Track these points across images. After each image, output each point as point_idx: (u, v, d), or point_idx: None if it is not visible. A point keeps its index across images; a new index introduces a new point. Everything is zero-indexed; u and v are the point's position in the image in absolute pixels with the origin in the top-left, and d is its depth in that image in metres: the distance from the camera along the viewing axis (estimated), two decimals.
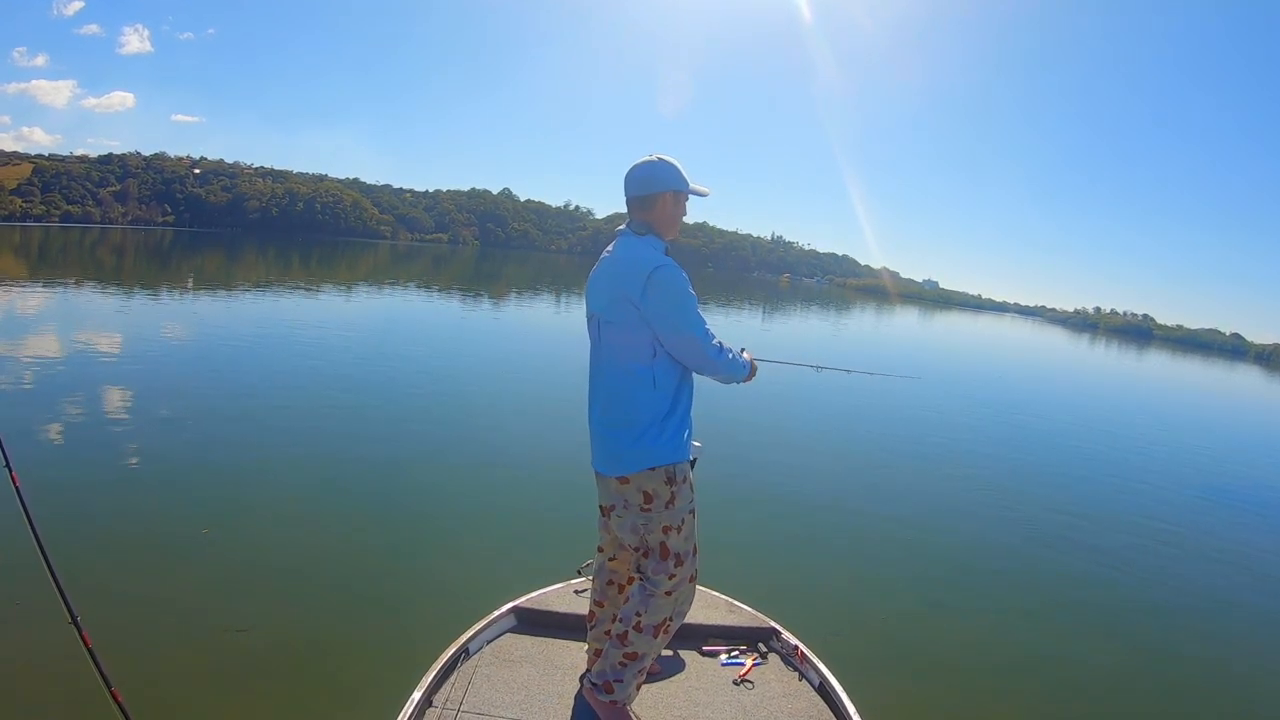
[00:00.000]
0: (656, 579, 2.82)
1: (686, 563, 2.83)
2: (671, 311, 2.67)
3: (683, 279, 2.69)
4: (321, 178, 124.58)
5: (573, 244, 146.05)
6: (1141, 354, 76.18)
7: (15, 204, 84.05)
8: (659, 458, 2.73)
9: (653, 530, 2.79)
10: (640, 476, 2.75)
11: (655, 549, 2.81)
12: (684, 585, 2.86)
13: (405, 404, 11.30)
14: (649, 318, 2.67)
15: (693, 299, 2.70)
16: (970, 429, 15.06)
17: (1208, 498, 12.28)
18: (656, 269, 2.65)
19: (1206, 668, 6.07)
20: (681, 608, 2.94)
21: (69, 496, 6.29)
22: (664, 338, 2.70)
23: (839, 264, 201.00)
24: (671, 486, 2.75)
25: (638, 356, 2.72)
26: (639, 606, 2.84)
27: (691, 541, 2.85)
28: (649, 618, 2.82)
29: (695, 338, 2.70)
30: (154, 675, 4.02)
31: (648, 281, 2.64)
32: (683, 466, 2.79)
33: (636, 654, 2.85)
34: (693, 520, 2.84)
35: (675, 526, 2.78)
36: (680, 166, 2.86)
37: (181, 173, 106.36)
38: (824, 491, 9.09)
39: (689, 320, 2.69)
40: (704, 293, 37.05)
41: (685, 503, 2.79)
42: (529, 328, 26.28)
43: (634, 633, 2.83)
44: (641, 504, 2.77)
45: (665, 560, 2.80)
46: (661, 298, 2.65)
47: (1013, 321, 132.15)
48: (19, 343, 12.75)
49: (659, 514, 2.77)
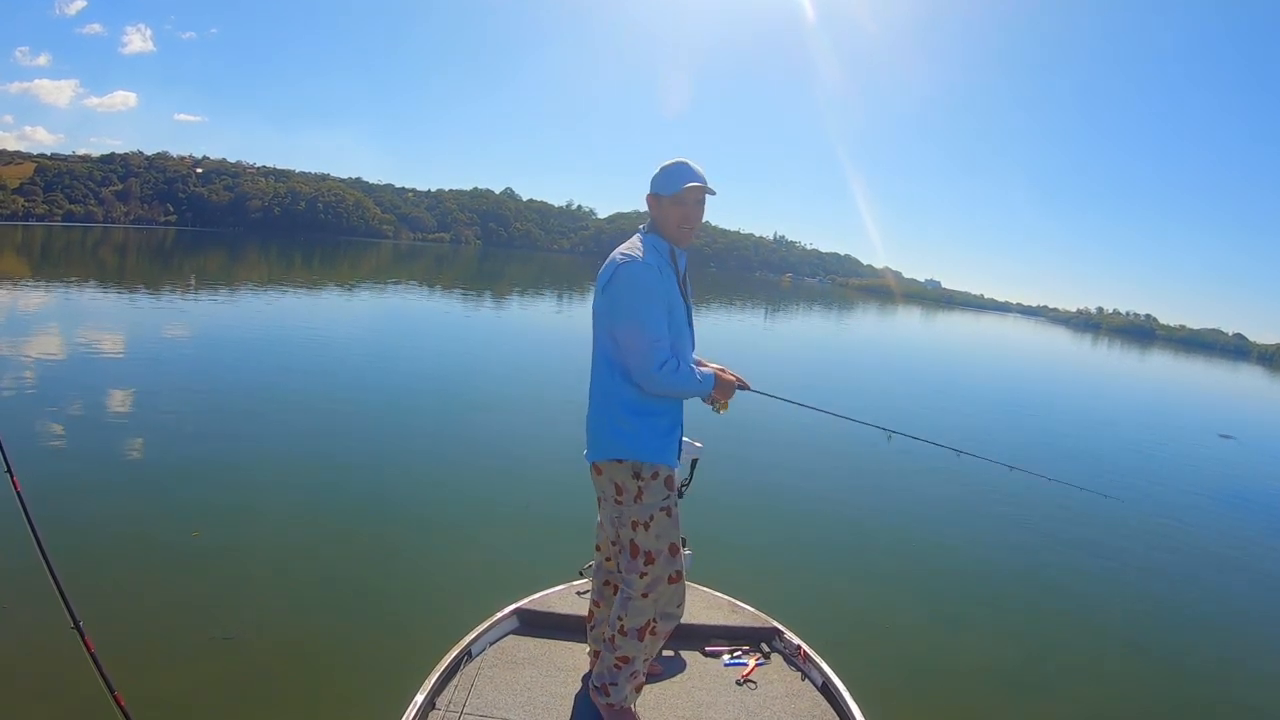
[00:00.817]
0: (629, 578, 2.82)
1: (659, 561, 2.80)
2: (620, 307, 2.68)
3: (645, 280, 2.65)
4: (324, 177, 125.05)
5: (575, 244, 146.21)
6: (1144, 354, 76.01)
7: (18, 203, 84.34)
8: (625, 451, 2.74)
9: (623, 525, 2.80)
10: (609, 466, 2.77)
11: (625, 545, 2.82)
12: (661, 586, 2.83)
13: (408, 405, 11.28)
14: (609, 309, 2.71)
15: (651, 299, 2.64)
16: (975, 429, 15.07)
17: (1227, 501, 12.25)
18: (621, 265, 2.68)
19: (1210, 670, 6.04)
20: (667, 609, 2.92)
21: (71, 500, 6.28)
22: (616, 331, 2.70)
23: (841, 264, 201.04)
24: (638, 482, 2.74)
25: (611, 347, 2.75)
26: (619, 610, 2.85)
27: (666, 540, 2.81)
28: (630, 621, 2.83)
29: (635, 337, 2.63)
30: (157, 680, 4.01)
31: (613, 275, 2.68)
32: (653, 466, 2.75)
33: (626, 658, 2.85)
34: (666, 519, 2.80)
35: (643, 523, 2.77)
36: (674, 167, 2.79)
37: (184, 172, 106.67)
38: (827, 491, 9.08)
39: (635, 316, 2.64)
40: (706, 293, 37.18)
41: (655, 499, 2.76)
42: (530, 328, 26.27)
43: (620, 637, 2.85)
44: (614, 496, 2.79)
45: (635, 559, 2.79)
46: (617, 292, 2.68)
47: (1015, 322, 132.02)
48: (21, 344, 12.75)
49: (628, 508, 2.77)
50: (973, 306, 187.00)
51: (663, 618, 2.93)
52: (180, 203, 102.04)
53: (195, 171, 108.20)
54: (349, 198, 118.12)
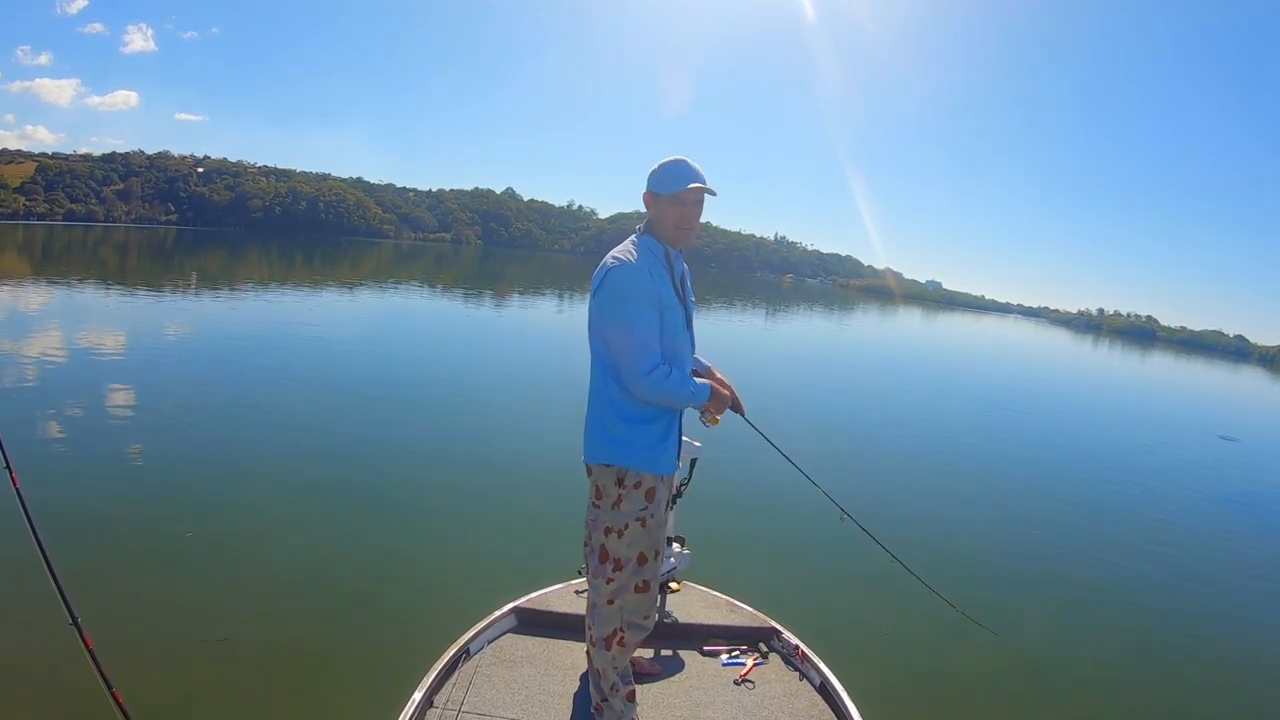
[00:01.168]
0: (595, 583, 2.82)
1: (626, 569, 2.80)
2: (609, 311, 2.65)
3: (635, 283, 2.61)
4: (325, 177, 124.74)
5: (576, 244, 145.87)
6: (1145, 356, 75.97)
7: (19, 202, 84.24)
8: (611, 456, 2.72)
9: (597, 528, 2.79)
10: (596, 469, 2.77)
11: (595, 549, 2.80)
12: (627, 594, 2.83)
13: (406, 404, 11.28)
14: (598, 312, 2.69)
15: (638, 302, 2.60)
16: (980, 430, 15.06)
17: (1220, 501, 12.25)
18: (611, 270, 2.65)
19: (1211, 672, 6.03)
20: (634, 619, 2.92)
21: (70, 497, 6.28)
22: (605, 335, 2.68)
23: (842, 264, 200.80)
24: (620, 489, 2.73)
25: (604, 350, 2.73)
26: (588, 619, 2.85)
27: (637, 549, 2.80)
28: (597, 630, 2.82)
29: (625, 342, 2.60)
30: (155, 676, 4.02)
31: (603, 280, 2.66)
32: (638, 474, 2.72)
33: (599, 670, 2.85)
34: (640, 529, 2.77)
35: (617, 530, 2.76)
36: (672, 165, 2.72)
37: (185, 171, 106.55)
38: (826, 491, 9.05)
39: (622, 319, 2.61)
40: (707, 293, 36.96)
41: (633, 508, 2.74)
42: (529, 327, 26.25)
43: (591, 648, 2.85)
44: (594, 498, 2.79)
45: (604, 564, 2.78)
46: (606, 297, 2.65)
47: (1016, 323, 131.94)
48: (20, 342, 12.77)
49: (605, 513, 2.76)
50: (974, 307, 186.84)
51: (630, 628, 2.92)
52: (181, 202, 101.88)
53: (196, 171, 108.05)
54: (350, 197, 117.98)
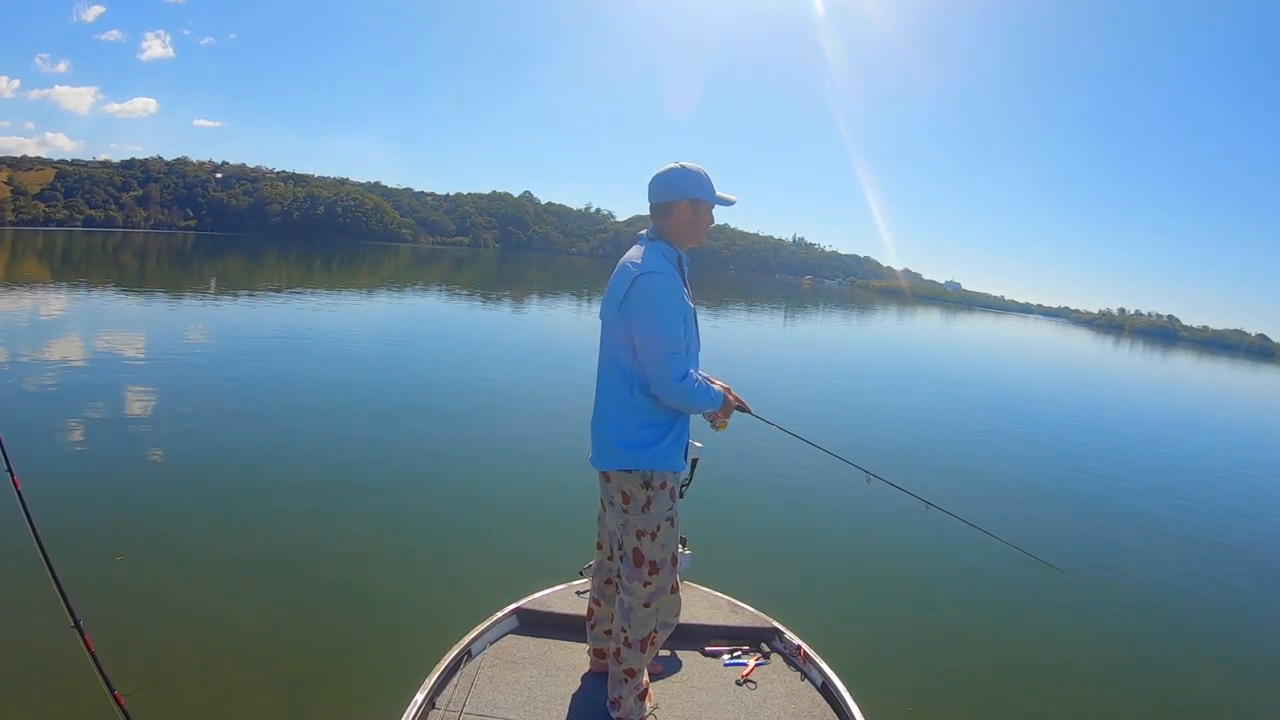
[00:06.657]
0: (631, 586, 2.84)
1: (663, 572, 2.84)
2: (642, 316, 2.66)
3: (666, 289, 2.66)
4: (342, 181, 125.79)
5: (594, 246, 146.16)
6: (1167, 356, 75.16)
7: (39, 208, 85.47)
8: (637, 461, 2.75)
9: (628, 532, 2.81)
10: (618, 475, 2.78)
11: (629, 554, 2.83)
12: (663, 595, 2.87)
13: (408, 405, 11.31)
14: (627, 320, 2.70)
15: (670, 311, 2.66)
16: (985, 430, 14.97)
17: (1208, 492, 12.08)
18: (641, 275, 2.66)
19: (1209, 676, 5.92)
20: (667, 619, 2.96)
21: (71, 499, 6.33)
22: (635, 342, 2.69)
23: (860, 265, 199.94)
24: (648, 491, 2.76)
25: (625, 357, 2.74)
26: (623, 621, 2.87)
27: (669, 550, 2.84)
28: (634, 633, 2.86)
29: (657, 349, 2.64)
30: (157, 678, 4.04)
31: (632, 285, 2.66)
32: (662, 474, 2.78)
33: (632, 670, 2.90)
34: (670, 529, 2.83)
35: (649, 532, 2.79)
36: (704, 173, 2.81)
37: (203, 177, 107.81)
38: (826, 490, 8.99)
39: (656, 328, 2.64)
40: (726, 295, 37.10)
41: (662, 509, 2.79)
42: (535, 329, 26.23)
43: (625, 649, 2.88)
44: (622, 504, 2.80)
45: (639, 567, 2.81)
46: (637, 302, 2.66)
47: (1036, 323, 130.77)
48: (29, 346, 12.92)
49: (634, 516, 2.79)
50: (994, 308, 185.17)
51: (662, 627, 2.97)
52: (200, 207, 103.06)
53: (215, 176, 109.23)
54: (368, 202, 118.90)
